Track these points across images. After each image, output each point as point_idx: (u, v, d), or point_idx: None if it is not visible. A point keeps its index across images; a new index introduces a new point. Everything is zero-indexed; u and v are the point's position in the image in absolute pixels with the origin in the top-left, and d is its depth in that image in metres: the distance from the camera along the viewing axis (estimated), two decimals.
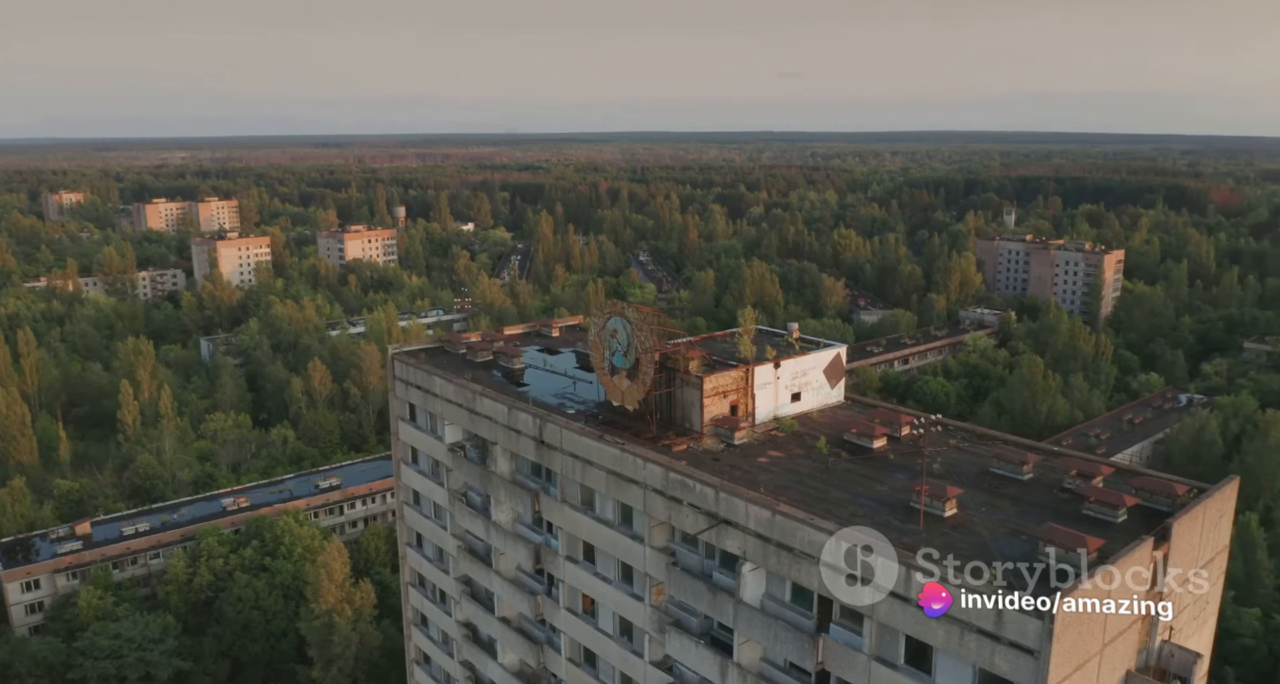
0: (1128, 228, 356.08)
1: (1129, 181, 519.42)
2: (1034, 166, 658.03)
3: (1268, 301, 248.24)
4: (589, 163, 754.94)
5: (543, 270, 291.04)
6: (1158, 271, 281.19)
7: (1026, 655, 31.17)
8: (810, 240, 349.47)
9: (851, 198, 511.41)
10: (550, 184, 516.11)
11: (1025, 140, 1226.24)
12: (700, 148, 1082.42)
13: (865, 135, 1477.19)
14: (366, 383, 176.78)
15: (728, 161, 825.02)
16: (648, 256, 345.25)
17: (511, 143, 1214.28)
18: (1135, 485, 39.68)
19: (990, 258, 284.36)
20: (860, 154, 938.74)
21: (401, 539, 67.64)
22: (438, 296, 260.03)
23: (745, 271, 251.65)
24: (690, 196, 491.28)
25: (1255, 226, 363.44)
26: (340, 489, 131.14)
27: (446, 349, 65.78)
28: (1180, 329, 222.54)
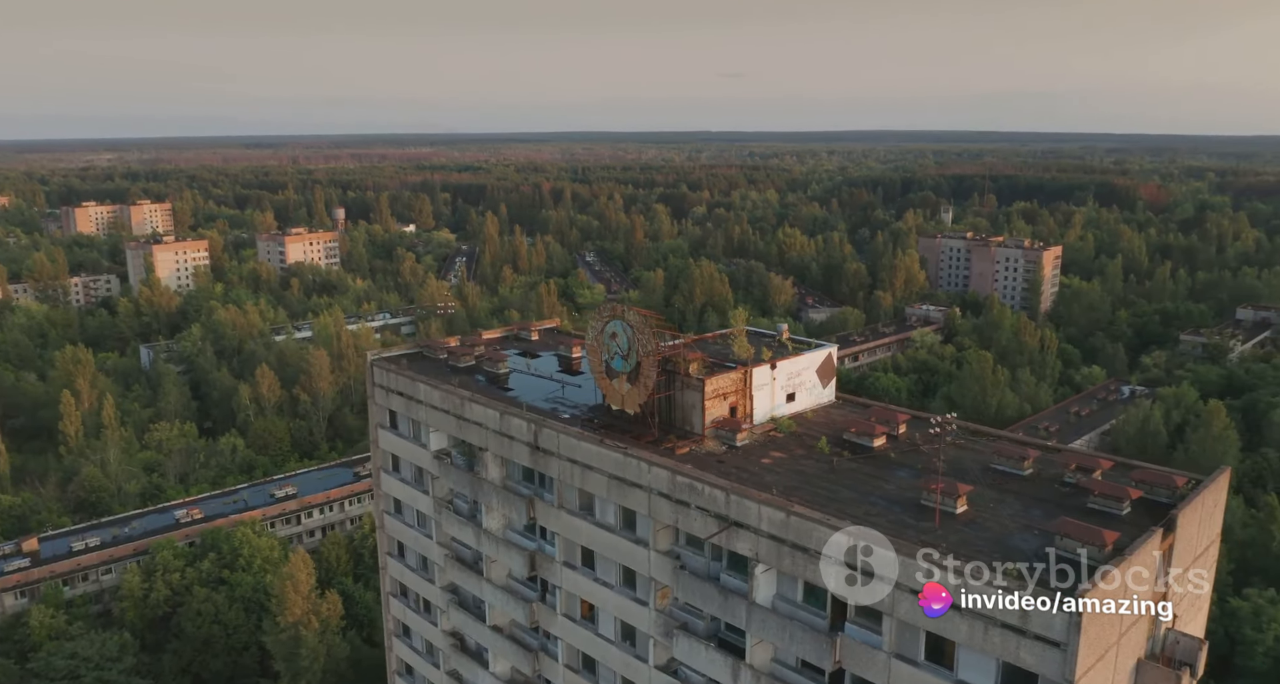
0: (1061, 225, 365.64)
1: (1060, 180, 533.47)
2: (967, 165, 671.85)
3: (1198, 295, 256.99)
4: (529, 163, 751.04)
5: (490, 272, 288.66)
6: (1093, 267, 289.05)
7: (1053, 648, 31.67)
8: (755, 239, 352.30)
9: (792, 197, 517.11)
10: (492, 184, 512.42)
11: (956, 139, 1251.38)
12: (639, 147, 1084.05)
13: (801, 135, 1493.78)
14: (316, 388, 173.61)
15: (667, 161, 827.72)
16: (594, 257, 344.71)
17: (449, 143, 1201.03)
18: (1135, 478, 40.63)
19: (932, 255, 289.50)
20: (798, 153, 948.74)
21: (382, 549, 66.35)
22: (384, 299, 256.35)
23: (694, 271, 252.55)
24: (633, 197, 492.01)
25: (1183, 222, 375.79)
26: (296, 498, 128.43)
27: (426, 354, 64.72)
28: (1118, 323, 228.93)
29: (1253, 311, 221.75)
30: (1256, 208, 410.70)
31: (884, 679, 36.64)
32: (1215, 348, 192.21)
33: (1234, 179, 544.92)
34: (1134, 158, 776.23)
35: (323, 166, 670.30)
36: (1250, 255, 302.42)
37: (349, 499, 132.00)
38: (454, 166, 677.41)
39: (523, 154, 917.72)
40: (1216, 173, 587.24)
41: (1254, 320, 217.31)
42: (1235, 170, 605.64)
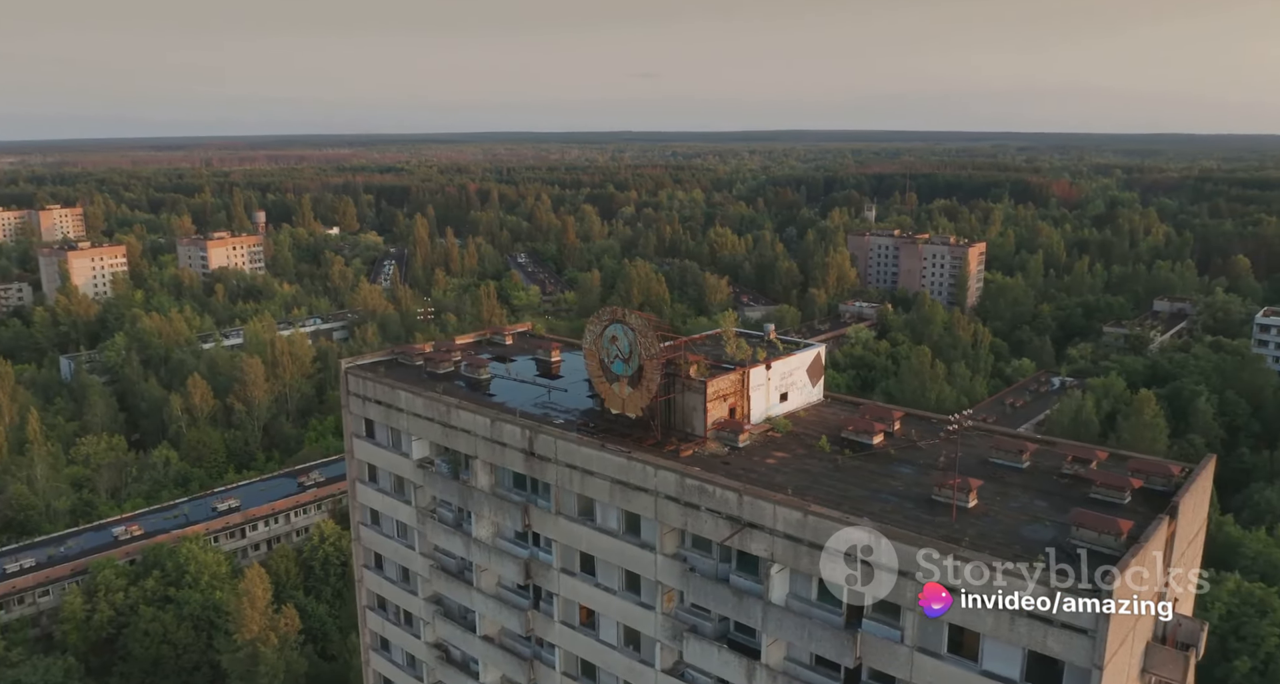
0: (981, 222, 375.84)
1: (976, 178, 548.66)
2: (886, 164, 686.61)
3: (1114, 288, 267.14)
4: (451, 164, 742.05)
5: (422, 275, 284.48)
6: (1014, 263, 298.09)
7: (1081, 636, 32.46)
8: (686, 239, 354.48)
9: (719, 196, 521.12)
10: (416, 186, 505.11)
11: (872, 139, 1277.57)
12: (562, 148, 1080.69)
13: (721, 135, 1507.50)
14: (251, 397, 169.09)
15: (592, 161, 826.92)
16: (526, 258, 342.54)
17: (367, 144, 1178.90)
18: (1132, 468, 41.94)
19: (862, 253, 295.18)
20: (720, 153, 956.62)
21: (357, 561, 64.80)
22: (314, 304, 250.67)
23: (631, 271, 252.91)
24: (561, 197, 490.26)
25: (1095, 218, 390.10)
26: (240, 511, 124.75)
27: (401, 360, 63.40)
28: (1042, 316, 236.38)
29: (1169, 303, 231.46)
30: (1163, 203, 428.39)
31: (906, 673, 37.11)
32: (1137, 339, 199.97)
33: (1140, 175, 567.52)
34: (1044, 156, 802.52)
35: (239, 168, 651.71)
36: (1161, 249, 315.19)
37: (295, 510, 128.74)
38: (375, 168, 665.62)
39: (444, 155, 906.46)
40: (1123, 170, 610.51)
41: (1170, 312, 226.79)
42: (1140, 167, 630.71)
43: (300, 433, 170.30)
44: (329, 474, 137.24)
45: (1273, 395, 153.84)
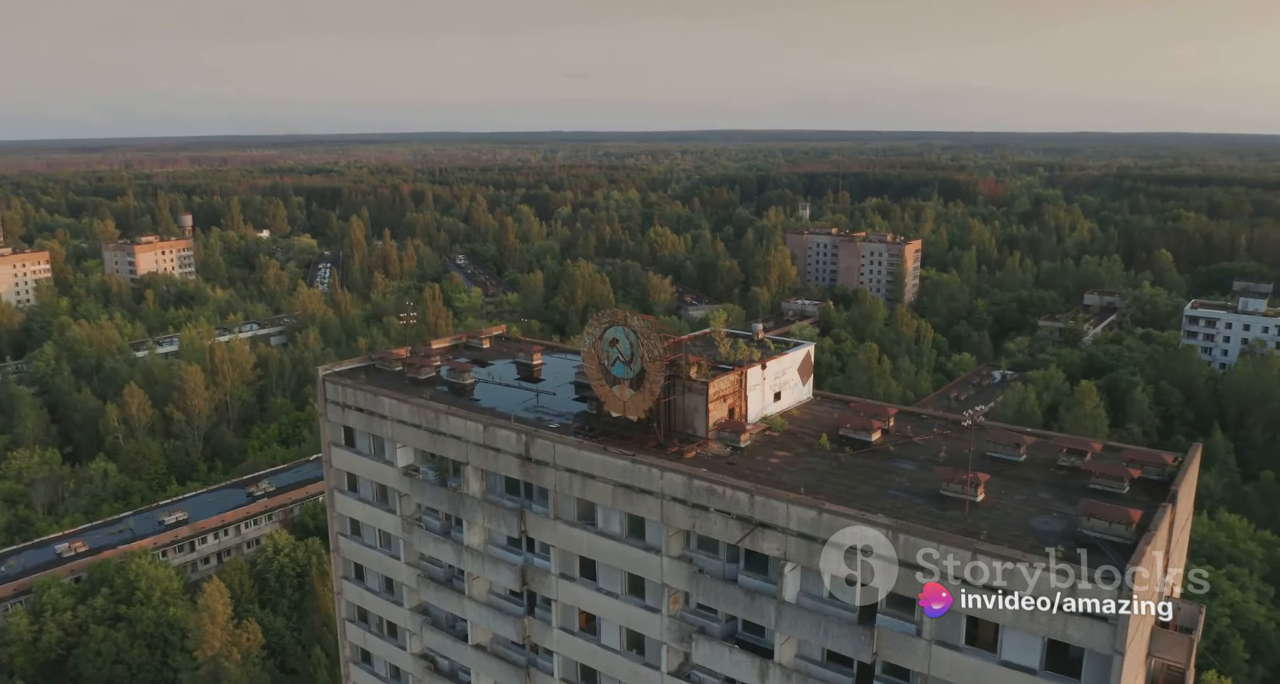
0: (913, 220, 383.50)
1: (906, 176, 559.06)
2: (817, 163, 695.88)
3: (1044, 282, 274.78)
4: (382, 165, 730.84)
5: (360, 278, 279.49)
6: (947, 259, 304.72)
7: (1102, 623, 33.22)
8: (625, 239, 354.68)
9: (654, 196, 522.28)
10: (347, 187, 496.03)
11: (802, 138, 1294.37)
12: (494, 148, 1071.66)
13: (653, 135, 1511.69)
14: (191, 406, 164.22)
15: (524, 162, 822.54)
16: (465, 260, 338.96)
17: (293, 145, 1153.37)
18: (1126, 458, 43.14)
19: (800, 251, 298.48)
20: (652, 153, 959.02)
21: (336, 573, 63.32)
22: (250, 309, 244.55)
23: (575, 272, 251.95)
24: (496, 198, 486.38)
25: (1022, 215, 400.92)
26: (189, 524, 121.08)
27: (379, 366, 62.15)
28: (978, 312, 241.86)
29: (1099, 297, 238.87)
30: (1086, 200, 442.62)
31: (924, 666, 37.56)
32: (1071, 332, 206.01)
33: (1061, 173, 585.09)
34: (968, 154, 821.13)
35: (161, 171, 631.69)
36: (1086, 244, 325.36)
37: (245, 522, 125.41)
38: (304, 169, 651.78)
39: (373, 155, 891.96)
40: (1045, 168, 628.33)
41: (1101, 305, 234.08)
42: (1061, 165, 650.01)
43: (243, 442, 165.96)
44: (279, 484, 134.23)
45: (1204, 385, 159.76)
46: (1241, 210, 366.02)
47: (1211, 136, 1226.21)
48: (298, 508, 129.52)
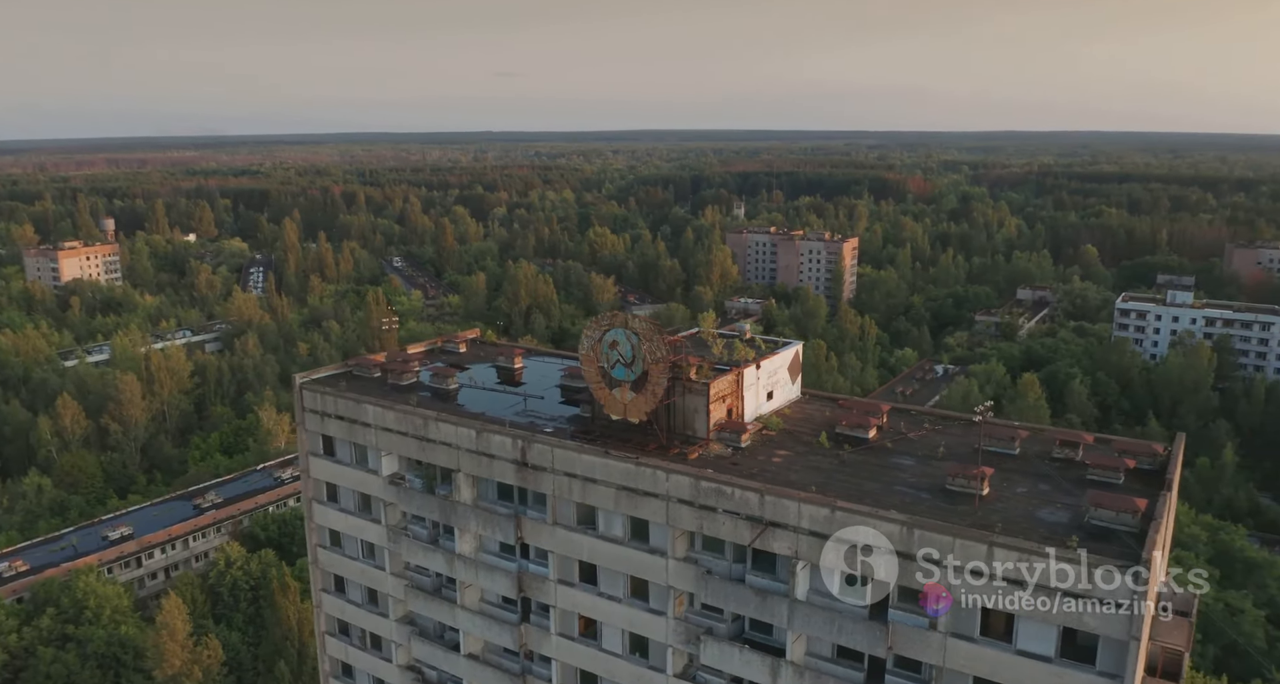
0: (847, 218, 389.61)
1: (837, 175, 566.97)
2: (749, 163, 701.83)
3: (976, 278, 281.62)
4: (309, 166, 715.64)
5: (296, 282, 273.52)
6: (882, 256, 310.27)
7: (1118, 610, 34.05)
8: (564, 240, 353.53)
9: (589, 196, 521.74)
10: (275, 189, 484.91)
11: (732, 138, 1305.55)
12: (423, 149, 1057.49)
13: (583, 134, 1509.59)
14: (127, 416, 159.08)
15: (455, 162, 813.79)
16: (403, 262, 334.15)
17: (214, 146, 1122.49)
18: (1118, 449, 44.42)
19: (740, 250, 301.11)
20: (584, 153, 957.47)
21: (315, 586, 61.73)
22: (182, 316, 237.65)
23: (517, 273, 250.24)
24: (430, 199, 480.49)
25: (951, 212, 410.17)
26: (134, 539, 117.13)
27: (357, 373, 60.81)
28: (916, 307, 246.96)
29: (1031, 292, 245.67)
30: (1011, 197, 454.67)
31: (939, 659, 38.12)
32: (1007, 326, 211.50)
33: (985, 171, 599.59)
34: (895, 153, 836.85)
35: (79, 174, 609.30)
36: (1015, 241, 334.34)
37: (193, 535, 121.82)
38: (228, 171, 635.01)
39: (299, 156, 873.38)
40: (969, 166, 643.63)
41: (1033, 299, 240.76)
42: (985, 163, 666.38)
43: (183, 453, 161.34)
44: (226, 495, 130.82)
45: (1138, 375, 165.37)
46: (1160, 206, 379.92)
47: (1125, 134, 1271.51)
48: (247, 519, 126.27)
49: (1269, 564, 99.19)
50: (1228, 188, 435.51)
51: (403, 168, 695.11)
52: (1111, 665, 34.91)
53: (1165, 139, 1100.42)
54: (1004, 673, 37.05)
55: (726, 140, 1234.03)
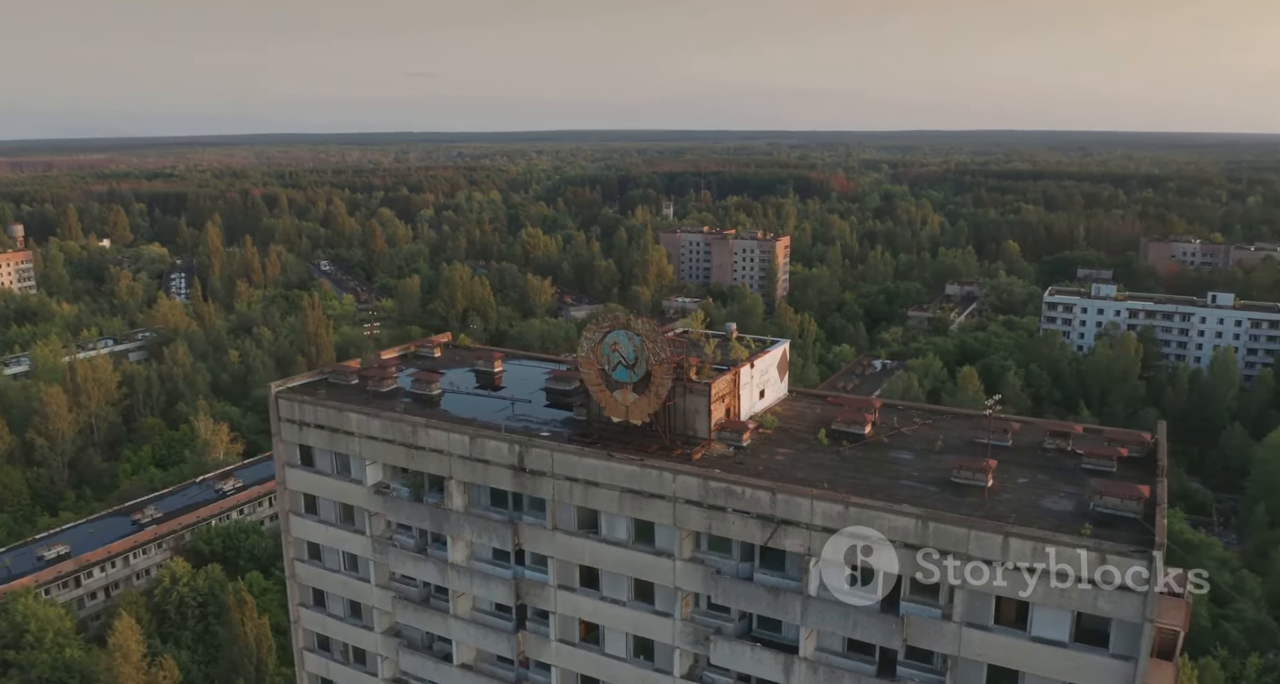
0: (776, 217, 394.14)
1: (762, 175, 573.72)
2: (674, 163, 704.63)
3: (903, 274, 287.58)
4: (225, 168, 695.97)
5: (221, 287, 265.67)
6: (812, 254, 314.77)
7: (1131, 594, 35.20)
8: (496, 241, 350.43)
9: (517, 197, 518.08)
10: (193, 192, 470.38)
11: (655, 138, 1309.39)
12: (342, 150, 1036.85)
13: (506, 135, 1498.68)
14: (52, 430, 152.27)
15: (376, 163, 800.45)
16: (331, 266, 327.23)
17: (125, 148, 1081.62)
18: (1107, 438, 45.87)
19: (674, 249, 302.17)
20: (507, 153, 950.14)
21: (293, 600, 60.01)
22: (104, 324, 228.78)
23: (453, 276, 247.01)
24: (354, 201, 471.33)
25: (875, 210, 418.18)
26: (72, 558, 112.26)
27: (333, 380, 59.34)
28: (849, 304, 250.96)
29: (959, 287, 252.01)
30: (931, 195, 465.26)
31: (954, 648, 38.86)
32: (939, 321, 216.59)
33: (905, 170, 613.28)
34: (816, 153, 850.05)
35: None
36: (939, 237, 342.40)
37: (133, 552, 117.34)
38: (140, 174, 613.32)
39: (213, 158, 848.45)
40: (889, 165, 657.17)
41: (962, 294, 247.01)
42: (904, 161, 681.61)
43: (113, 466, 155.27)
44: (166, 509, 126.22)
45: (1068, 366, 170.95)
46: (1074, 203, 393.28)
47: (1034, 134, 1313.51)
48: (189, 533, 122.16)
49: (1206, 545, 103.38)
50: (1136, 184, 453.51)
51: (323, 170, 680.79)
52: (1125, 647, 36.05)
53: (1073, 138, 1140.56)
54: (1019, 660, 37.99)
55: (649, 140, 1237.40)
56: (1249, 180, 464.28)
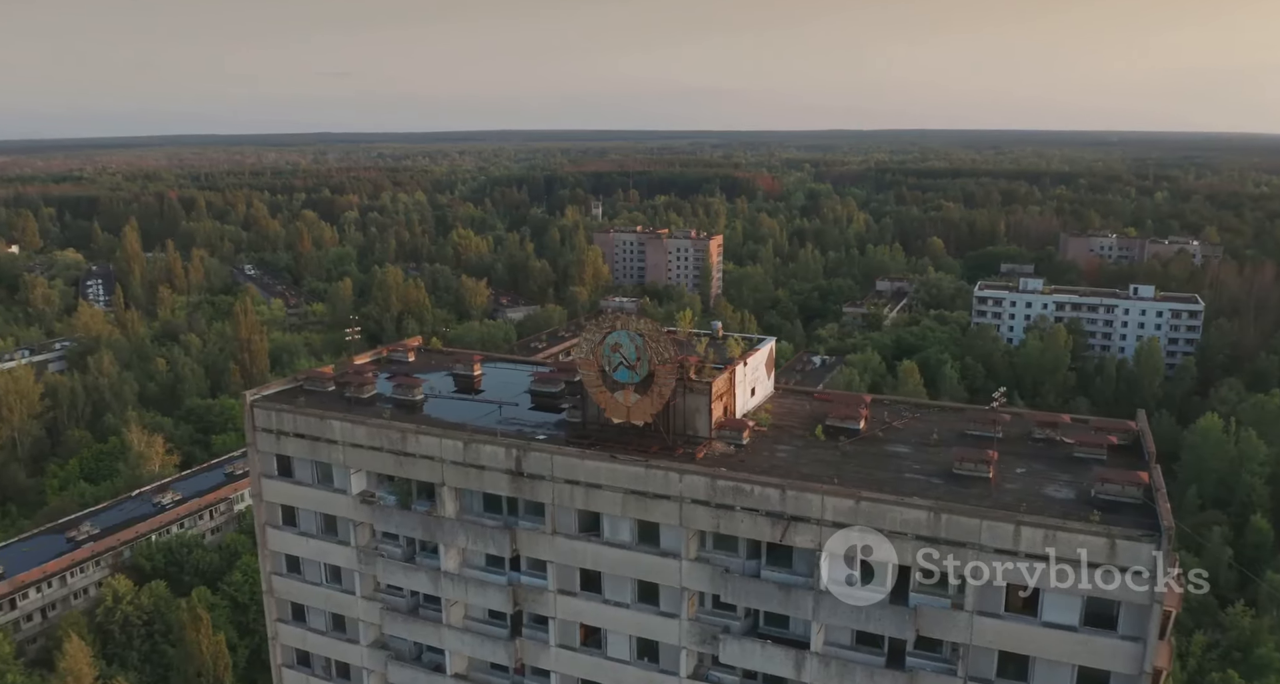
0: (705, 216, 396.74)
1: (688, 174, 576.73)
2: (599, 162, 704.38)
3: (833, 271, 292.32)
4: (137, 170, 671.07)
5: (142, 293, 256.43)
6: (744, 253, 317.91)
7: (1139, 577, 36.34)
8: (425, 243, 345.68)
9: (444, 198, 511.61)
10: (106, 195, 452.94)
11: (577, 138, 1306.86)
12: (258, 151, 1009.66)
13: (425, 135, 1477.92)
14: None
15: (295, 165, 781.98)
16: (256, 270, 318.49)
17: (26, 151, 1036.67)
18: (1095, 427, 47.28)
19: (608, 249, 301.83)
20: (429, 154, 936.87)
21: (270, 616, 58.14)
22: (19, 334, 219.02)
23: (387, 279, 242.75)
24: (275, 204, 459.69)
25: (801, 208, 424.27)
26: (5, 579, 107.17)
27: (308, 388, 57.71)
28: (784, 301, 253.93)
29: (889, 283, 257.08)
30: (854, 193, 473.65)
31: (966, 637, 39.60)
32: (873, 317, 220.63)
33: (827, 168, 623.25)
34: (738, 152, 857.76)
35: None
36: (865, 235, 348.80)
37: (70, 571, 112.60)
38: (46, 177, 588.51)
39: (124, 160, 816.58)
40: (811, 164, 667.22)
41: (892, 290, 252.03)
42: (825, 161, 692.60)
43: (39, 482, 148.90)
44: (102, 525, 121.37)
45: (1001, 358, 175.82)
46: (992, 199, 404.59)
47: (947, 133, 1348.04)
48: (129, 550, 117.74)
49: None
50: (1049, 181, 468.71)
51: (240, 171, 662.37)
52: (1134, 629, 37.20)
53: (985, 137, 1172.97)
54: (1030, 645, 38.93)
55: (572, 140, 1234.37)
56: (1155, 176, 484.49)
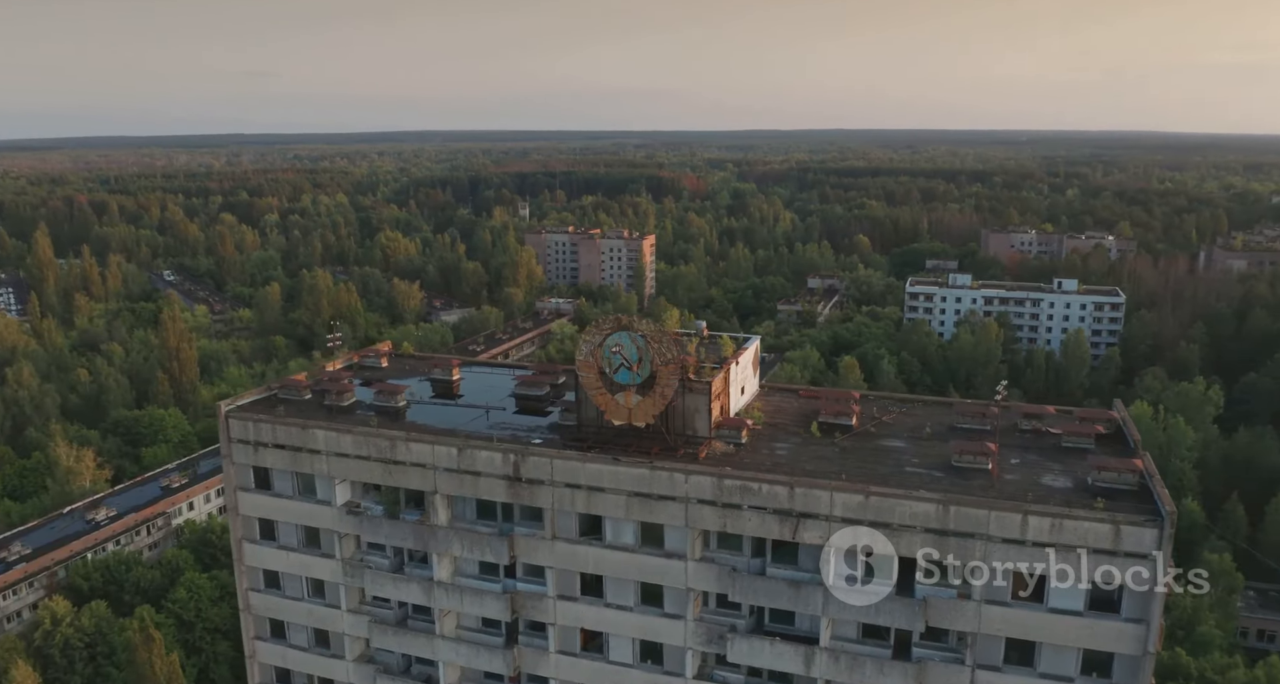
0: (634, 216, 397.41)
1: (613, 174, 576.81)
2: (522, 163, 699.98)
3: (762, 269, 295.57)
4: (40, 174, 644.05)
5: (57, 302, 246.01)
6: (675, 252, 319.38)
7: (1143, 560, 37.63)
8: (351, 246, 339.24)
9: (366, 200, 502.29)
10: (10, 200, 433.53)
11: (497, 138, 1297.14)
12: (168, 153, 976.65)
13: (343, 136, 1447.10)
14: None
15: (208, 166, 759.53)
16: (175, 275, 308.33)
17: None
18: (1080, 417, 48.79)
19: (540, 250, 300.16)
20: (347, 155, 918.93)
21: (248, 634, 56.24)
22: None
23: (317, 283, 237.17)
24: (191, 207, 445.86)
25: (728, 208, 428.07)
26: None
27: (283, 396, 56.06)
28: (718, 300, 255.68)
29: (820, 280, 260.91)
30: (778, 192, 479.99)
31: (974, 626, 40.49)
32: (808, 314, 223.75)
33: (749, 168, 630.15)
34: (661, 152, 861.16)
35: None
36: (792, 233, 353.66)
37: (3, 593, 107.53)
38: None
39: (25, 164, 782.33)
40: (734, 163, 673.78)
41: (824, 287, 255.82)
42: (747, 160, 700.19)
43: None
44: (33, 544, 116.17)
45: (935, 352, 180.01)
46: (913, 197, 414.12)
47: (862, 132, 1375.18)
48: (64, 570, 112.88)
49: None
50: (966, 179, 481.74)
51: (151, 174, 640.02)
52: (1137, 611, 38.49)
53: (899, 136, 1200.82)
54: (1037, 631, 39.99)
55: (493, 141, 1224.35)
56: (1065, 174, 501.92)
